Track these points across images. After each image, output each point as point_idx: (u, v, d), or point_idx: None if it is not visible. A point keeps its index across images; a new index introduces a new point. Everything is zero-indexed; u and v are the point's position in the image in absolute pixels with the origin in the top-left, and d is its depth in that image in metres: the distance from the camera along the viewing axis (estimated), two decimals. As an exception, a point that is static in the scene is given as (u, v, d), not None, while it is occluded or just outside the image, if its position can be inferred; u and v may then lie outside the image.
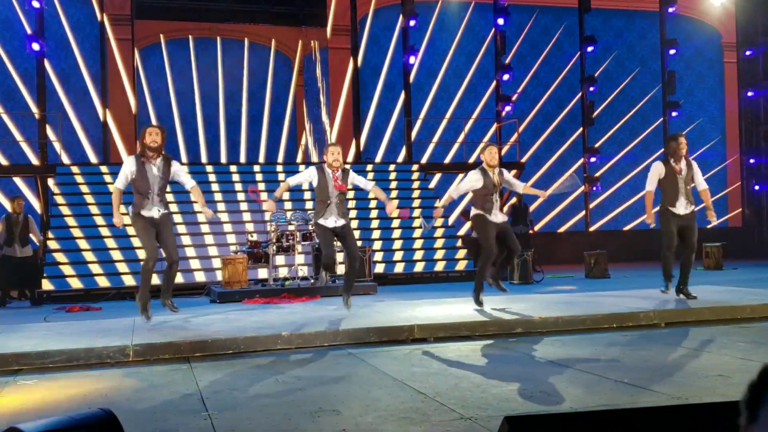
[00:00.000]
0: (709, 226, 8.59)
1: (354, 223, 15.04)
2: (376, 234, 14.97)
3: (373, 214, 15.56)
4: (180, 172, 7.80)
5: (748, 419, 0.97)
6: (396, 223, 15.42)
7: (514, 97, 20.08)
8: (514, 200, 15.80)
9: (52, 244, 13.55)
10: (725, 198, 22.81)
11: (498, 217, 8.31)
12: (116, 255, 13.43)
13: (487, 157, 8.26)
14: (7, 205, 17.04)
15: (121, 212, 7.76)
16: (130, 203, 7.70)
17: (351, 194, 15.89)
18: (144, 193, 7.55)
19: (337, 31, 20.65)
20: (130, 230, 13.88)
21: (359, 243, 13.76)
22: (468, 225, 15.39)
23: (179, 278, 12.98)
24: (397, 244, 14.86)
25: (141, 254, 13.29)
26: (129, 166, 7.60)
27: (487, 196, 8.23)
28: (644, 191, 8.75)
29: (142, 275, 7.73)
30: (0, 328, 7.87)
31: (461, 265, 14.35)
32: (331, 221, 7.86)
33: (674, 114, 21.51)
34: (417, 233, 15.27)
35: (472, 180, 8.28)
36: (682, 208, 8.49)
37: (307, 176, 8.06)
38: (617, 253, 18.11)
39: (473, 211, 8.40)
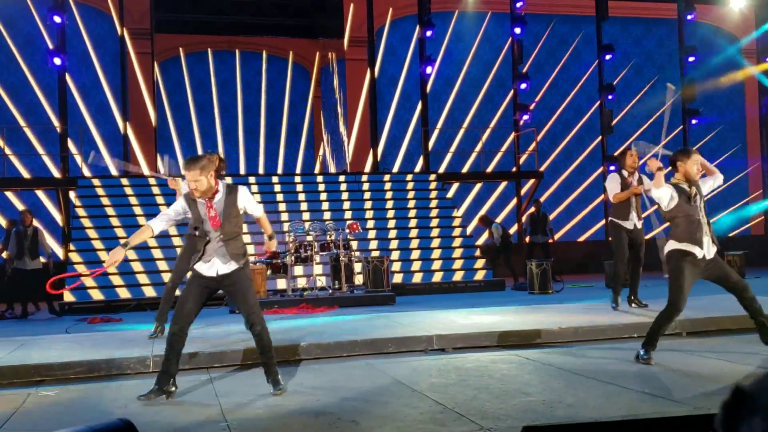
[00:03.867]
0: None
1: (371, 233, 15.05)
2: (393, 244, 14.96)
3: (391, 224, 15.56)
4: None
5: None
6: (414, 233, 15.40)
7: (532, 106, 20.02)
8: (532, 209, 15.73)
9: (74, 257, 13.67)
10: (747, 206, 22.59)
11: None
12: (137, 267, 13.53)
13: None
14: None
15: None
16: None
17: (368, 204, 15.92)
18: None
19: (354, 42, 20.73)
20: (151, 242, 14.06)
21: (377, 253, 13.77)
22: (486, 234, 15.35)
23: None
24: (415, 254, 14.84)
25: (161, 265, 13.41)
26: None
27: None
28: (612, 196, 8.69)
29: (163, 295, 7.73)
30: (22, 340, 7.94)
31: (480, 275, 14.30)
32: None
33: (694, 122, 21.33)
34: (435, 243, 15.24)
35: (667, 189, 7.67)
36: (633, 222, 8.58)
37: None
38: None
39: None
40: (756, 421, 0.88)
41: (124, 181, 15.90)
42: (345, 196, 16.22)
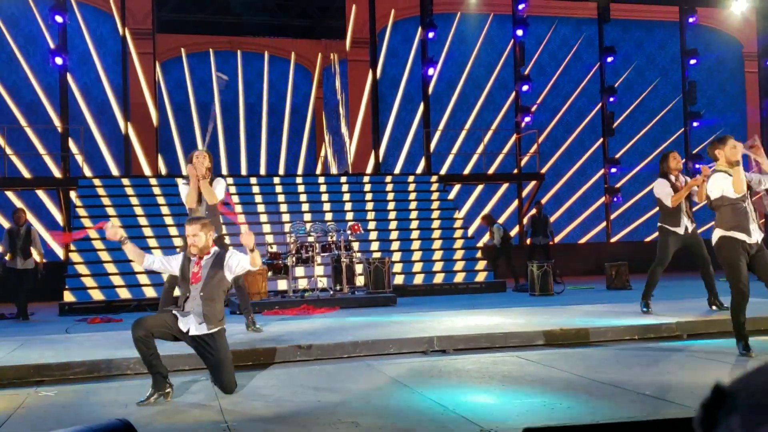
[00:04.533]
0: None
1: (373, 234, 15.04)
2: (395, 245, 14.95)
3: (392, 225, 15.55)
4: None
5: None
6: (415, 234, 15.39)
7: (534, 108, 20.02)
8: (533, 211, 15.72)
9: (74, 257, 13.67)
10: (748, 208, 22.54)
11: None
12: (137, 267, 13.50)
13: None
14: (31, 218, 17.26)
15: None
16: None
17: (369, 206, 15.92)
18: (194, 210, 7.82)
19: (356, 43, 20.73)
20: (151, 242, 14.05)
21: (378, 254, 13.76)
22: (488, 234, 15.33)
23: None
24: (417, 256, 14.83)
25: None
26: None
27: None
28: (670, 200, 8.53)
29: (162, 296, 7.91)
30: (22, 340, 7.93)
31: (481, 277, 14.29)
32: None
33: (695, 124, 21.35)
34: (436, 245, 15.23)
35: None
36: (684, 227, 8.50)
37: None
38: (638, 264, 17.92)
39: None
40: (735, 420, 0.86)
41: (125, 181, 15.90)
42: (346, 197, 16.21)
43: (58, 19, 16.19)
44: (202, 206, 7.86)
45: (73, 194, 15.72)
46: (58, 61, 16.23)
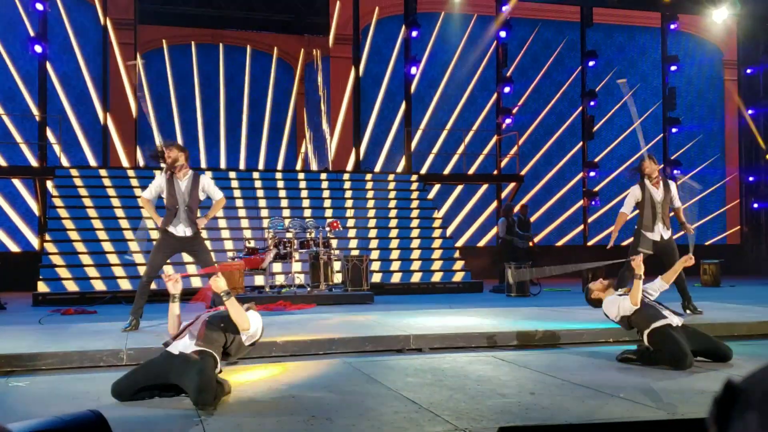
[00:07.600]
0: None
1: (352, 232, 15.02)
2: (373, 243, 14.95)
3: (371, 223, 15.54)
4: (209, 185, 7.94)
5: None
6: (394, 233, 15.40)
7: (515, 110, 20.09)
8: (518, 212, 15.75)
9: (49, 247, 13.52)
10: (723, 215, 22.81)
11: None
12: (112, 258, 13.40)
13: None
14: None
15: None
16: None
17: (349, 203, 15.89)
18: (172, 208, 7.69)
19: (339, 40, 20.69)
20: (128, 234, 13.94)
21: (356, 252, 13.75)
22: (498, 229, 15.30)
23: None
24: (395, 254, 14.83)
25: (138, 258, 13.28)
26: (158, 180, 7.88)
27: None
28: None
29: (138, 289, 7.83)
30: (-6, 330, 7.83)
31: (458, 277, 14.32)
32: None
33: (674, 130, 21.55)
34: (415, 243, 15.24)
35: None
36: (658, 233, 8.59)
37: None
38: (615, 267, 18.05)
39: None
40: (751, 417, 0.86)
41: (103, 172, 15.76)
42: (326, 194, 16.18)
43: (39, 6, 16.01)
44: (180, 200, 7.71)
45: (49, 184, 15.55)
46: (38, 49, 16.05)
